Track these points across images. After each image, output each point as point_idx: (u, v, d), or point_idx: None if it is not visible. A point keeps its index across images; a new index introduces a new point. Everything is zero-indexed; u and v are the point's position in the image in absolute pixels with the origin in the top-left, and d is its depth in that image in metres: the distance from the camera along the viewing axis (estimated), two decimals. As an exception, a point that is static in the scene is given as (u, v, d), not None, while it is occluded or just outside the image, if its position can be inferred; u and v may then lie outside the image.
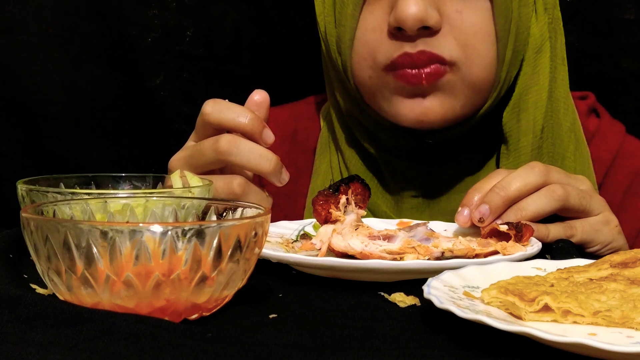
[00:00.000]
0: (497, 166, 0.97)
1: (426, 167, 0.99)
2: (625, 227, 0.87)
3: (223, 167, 0.85)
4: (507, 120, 0.95)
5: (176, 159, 0.87)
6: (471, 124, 0.95)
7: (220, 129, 0.85)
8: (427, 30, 0.88)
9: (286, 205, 1.03)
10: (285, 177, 0.85)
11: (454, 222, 0.81)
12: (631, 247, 0.89)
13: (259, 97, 0.87)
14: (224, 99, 0.86)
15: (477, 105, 0.94)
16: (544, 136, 0.96)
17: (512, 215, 0.79)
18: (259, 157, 0.82)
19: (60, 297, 0.55)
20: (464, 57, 0.89)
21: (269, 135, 0.84)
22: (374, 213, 0.98)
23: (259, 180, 0.88)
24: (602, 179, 1.03)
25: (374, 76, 0.92)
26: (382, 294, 0.64)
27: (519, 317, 0.55)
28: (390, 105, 0.92)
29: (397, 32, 0.88)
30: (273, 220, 0.71)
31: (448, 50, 0.89)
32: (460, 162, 0.99)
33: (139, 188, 0.82)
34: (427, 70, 0.88)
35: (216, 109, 0.84)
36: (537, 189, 0.81)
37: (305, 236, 0.80)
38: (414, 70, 0.88)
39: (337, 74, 0.99)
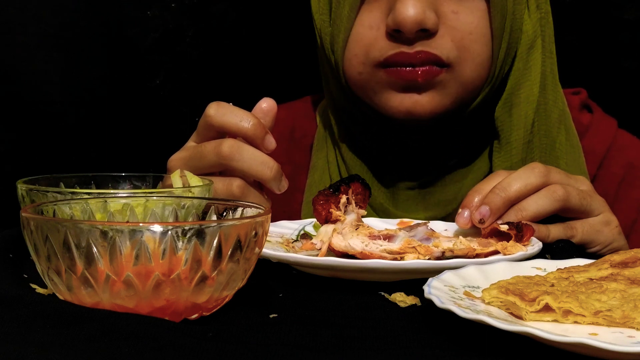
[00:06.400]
0: (490, 160, 0.98)
1: (420, 159, 1.00)
2: (620, 218, 0.88)
3: (223, 170, 0.86)
4: (499, 115, 0.97)
5: (175, 158, 0.87)
6: (461, 119, 0.97)
7: (223, 132, 0.85)
8: (425, 33, 0.89)
9: (284, 202, 1.03)
10: (284, 184, 0.86)
11: (450, 214, 0.81)
12: (626, 237, 0.89)
13: (267, 104, 0.87)
14: (226, 101, 0.86)
15: (467, 102, 0.95)
16: (534, 130, 0.97)
17: (512, 216, 0.79)
18: (261, 163, 0.83)
19: (60, 297, 0.55)
20: (459, 58, 0.91)
21: (271, 142, 0.85)
22: (371, 205, 0.99)
23: (257, 182, 0.88)
24: (596, 171, 1.04)
25: (364, 72, 0.93)
26: (383, 294, 0.64)
27: (519, 317, 0.55)
28: (381, 98, 0.94)
29: (395, 34, 0.89)
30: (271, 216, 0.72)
31: (446, 51, 0.90)
32: (453, 154, 1.00)
33: (139, 188, 0.82)
34: (423, 68, 0.90)
35: (219, 112, 0.84)
36: (537, 189, 0.81)
37: (305, 236, 0.79)
38: (408, 68, 0.90)
39: (331, 70, 1.00)
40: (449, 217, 0.98)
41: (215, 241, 0.53)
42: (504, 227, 0.75)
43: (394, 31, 0.89)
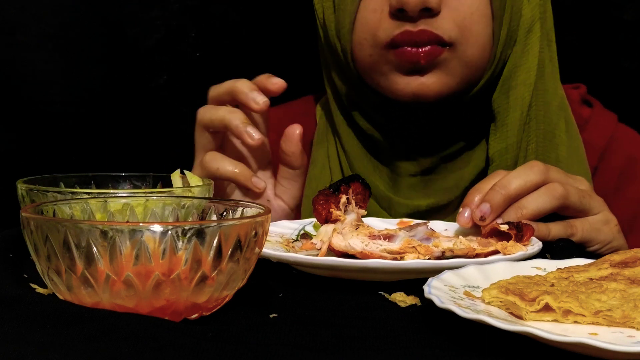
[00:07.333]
0: (487, 143, 0.98)
1: (422, 146, 1.00)
2: (619, 212, 0.88)
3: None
4: (496, 97, 0.97)
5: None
6: (465, 102, 0.97)
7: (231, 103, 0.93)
8: (428, 12, 0.90)
9: None
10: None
11: (452, 201, 0.81)
12: (625, 231, 0.89)
13: (300, 131, 0.93)
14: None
15: (472, 83, 0.96)
16: (531, 114, 0.97)
17: (512, 214, 0.79)
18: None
19: (60, 297, 0.55)
20: (461, 38, 0.92)
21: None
22: (372, 193, 0.99)
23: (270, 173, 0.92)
24: (596, 164, 1.04)
25: (374, 54, 0.94)
26: (383, 293, 0.64)
27: (519, 317, 0.55)
28: (387, 80, 0.95)
29: (399, 13, 0.90)
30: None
31: (447, 31, 0.91)
32: (455, 141, 1.00)
33: (139, 187, 0.82)
34: (425, 49, 0.90)
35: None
36: (537, 187, 0.81)
37: (305, 236, 0.79)
38: (412, 49, 0.91)
39: (335, 59, 1.01)
40: (451, 204, 0.98)
41: (215, 241, 0.53)
42: (504, 227, 0.75)
43: (397, 11, 0.90)
